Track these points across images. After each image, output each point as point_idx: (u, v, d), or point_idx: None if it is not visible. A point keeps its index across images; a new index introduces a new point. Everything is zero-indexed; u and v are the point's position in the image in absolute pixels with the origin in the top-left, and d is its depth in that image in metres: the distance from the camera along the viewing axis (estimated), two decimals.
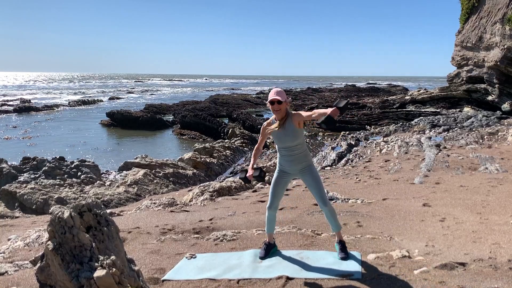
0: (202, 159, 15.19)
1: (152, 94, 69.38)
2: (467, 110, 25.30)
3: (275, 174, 3.95)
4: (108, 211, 7.02)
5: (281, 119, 3.74)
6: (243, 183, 4.10)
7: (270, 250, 3.99)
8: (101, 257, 2.65)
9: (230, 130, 22.38)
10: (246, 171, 3.93)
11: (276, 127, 3.75)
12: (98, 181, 11.80)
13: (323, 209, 3.83)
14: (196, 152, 15.96)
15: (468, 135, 16.25)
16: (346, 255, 3.80)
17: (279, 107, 3.68)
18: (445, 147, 13.40)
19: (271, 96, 3.70)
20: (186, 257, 4.05)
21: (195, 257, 4.05)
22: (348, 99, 4.09)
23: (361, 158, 14.09)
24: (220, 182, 10.37)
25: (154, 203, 7.65)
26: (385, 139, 17.65)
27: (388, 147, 14.90)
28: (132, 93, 71.77)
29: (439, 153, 12.03)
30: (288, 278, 3.46)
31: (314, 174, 3.84)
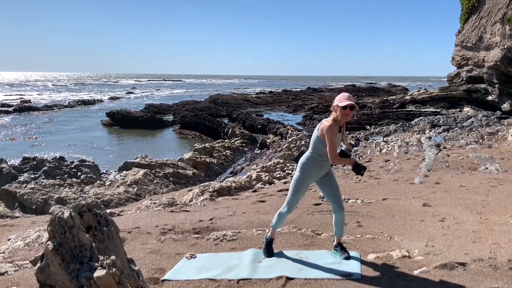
0: (202, 159, 15.19)
1: (152, 94, 69.38)
2: (467, 110, 25.28)
3: (298, 179, 3.78)
4: (108, 211, 7.01)
5: (342, 125, 3.69)
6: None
7: (272, 246, 4.01)
8: (101, 257, 2.65)
9: (230, 130, 22.36)
10: (358, 167, 3.64)
11: (339, 132, 3.67)
12: (98, 181, 11.79)
13: (338, 213, 3.82)
14: (196, 152, 15.95)
15: (468, 135, 16.23)
16: (348, 254, 3.85)
17: (351, 113, 3.61)
18: (445, 147, 13.39)
19: (347, 101, 3.52)
20: (186, 257, 4.04)
21: (195, 257, 4.05)
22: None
23: (361, 158, 14.09)
24: (220, 182, 10.38)
25: (154, 203, 7.65)
26: (385, 139, 17.64)
27: (388, 147, 14.89)
28: (132, 93, 71.75)
29: (439, 153, 12.02)
30: (288, 278, 3.46)
31: (334, 180, 3.89)
